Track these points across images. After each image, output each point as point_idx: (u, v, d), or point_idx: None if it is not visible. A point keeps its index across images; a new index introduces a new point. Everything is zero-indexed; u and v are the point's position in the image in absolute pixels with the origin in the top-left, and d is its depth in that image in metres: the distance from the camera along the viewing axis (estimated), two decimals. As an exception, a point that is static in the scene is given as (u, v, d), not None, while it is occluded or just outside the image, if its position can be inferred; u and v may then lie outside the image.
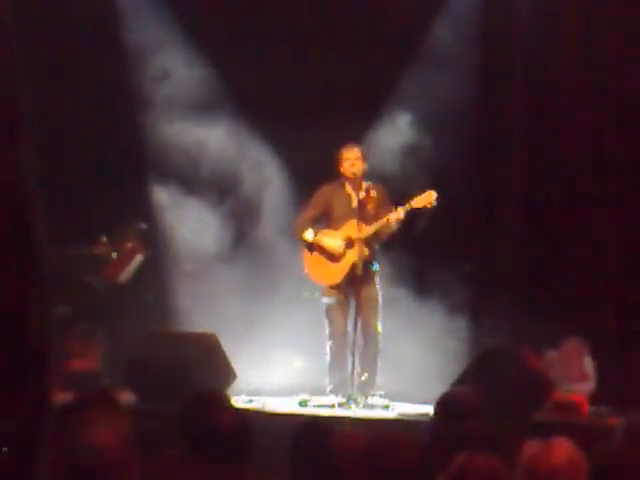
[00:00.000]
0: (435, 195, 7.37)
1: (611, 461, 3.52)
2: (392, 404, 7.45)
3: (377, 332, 7.53)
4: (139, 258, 8.83)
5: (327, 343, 7.62)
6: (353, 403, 7.24)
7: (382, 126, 8.61)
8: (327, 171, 7.69)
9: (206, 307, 8.43)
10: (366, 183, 7.59)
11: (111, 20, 9.01)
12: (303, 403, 7.49)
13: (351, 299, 7.49)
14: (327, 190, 7.69)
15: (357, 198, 7.50)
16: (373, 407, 7.35)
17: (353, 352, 7.32)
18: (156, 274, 8.99)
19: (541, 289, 8.37)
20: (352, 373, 7.33)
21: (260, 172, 8.90)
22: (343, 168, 7.60)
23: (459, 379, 6.61)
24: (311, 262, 7.66)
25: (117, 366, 7.42)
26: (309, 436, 3.97)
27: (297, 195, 8.48)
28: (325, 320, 7.63)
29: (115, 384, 6.92)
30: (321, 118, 8.33)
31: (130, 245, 8.82)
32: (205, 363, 7.06)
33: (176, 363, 6.95)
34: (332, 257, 7.57)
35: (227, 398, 3.64)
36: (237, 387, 7.29)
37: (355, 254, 7.42)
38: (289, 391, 7.92)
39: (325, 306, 7.63)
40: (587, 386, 7.61)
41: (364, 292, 7.44)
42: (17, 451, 1.47)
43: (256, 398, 7.64)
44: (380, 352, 7.56)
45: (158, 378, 6.82)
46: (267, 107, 8.68)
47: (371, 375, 7.50)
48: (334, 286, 7.57)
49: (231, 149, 8.81)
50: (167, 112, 8.88)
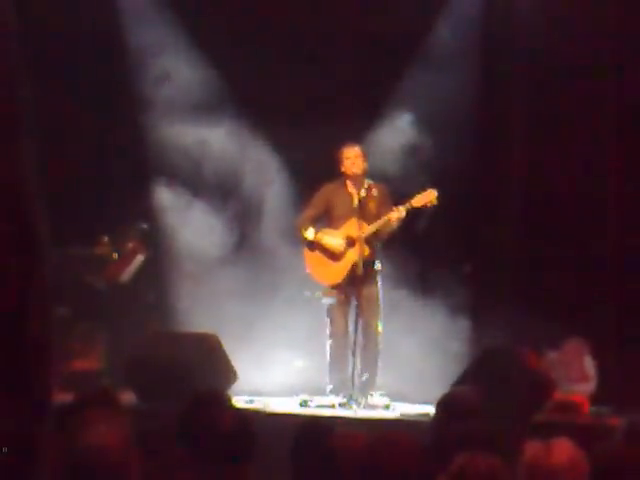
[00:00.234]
0: (436, 194, 7.37)
1: (612, 461, 3.52)
2: (393, 404, 7.45)
3: (378, 332, 7.52)
4: (140, 258, 8.84)
5: (327, 343, 7.62)
6: (354, 403, 7.24)
7: (383, 126, 8.61)
8: (328, 171, 7.69)
9: (207, 307, 8.43)
10: (367, 182, 7.59)
11: (113, 21, 9.01)
12: (304, 403, 7.49)
13: (352, 299, 7.49)
14: (328, 189, 7.69)
15: (358, 197, 7.50)
16: (374, 407, 7.35)
17: (354, 352, 7.32)
18: (157, 274, 8.98)
19: (541, 289, 8.36)
20: (353, 373, 7.33)
21: (261, 172, 8.89)
22: (344, 167, 7.60)
23: (460, 379, 6.61)
24: (312, 261, 7.65)
25: (118, 366, 7.43)
26: (310, 436, 3.97)
27: (298, 195, 8.47)
28: (326, 320, 7.64)
29: (116, 384, 6.92)
30: (322, 118, 8.33)
31: (131, 245, 8.83)
32: (206, 363, 7.06)
33: (177, 363, 6.95)
34: (333, 256, 7.56)
35: (228, 398, 3.64)
36: (238, 387, 7.30)
37: (356, 253, 7.42)
38: (290, 391, 7.92)
39: (326, 306, 7.63)
40: (588, 386, 7.60)
41: (365, 292, 7.43)
42: (17, 451, 1.47)
43: (257, 398, 7.65)
44: (381, 352, 7.56)
45: (159, 378, 6.83)
46: (268, 107, 8.68)
47: (372, 375, 7.50)
48: (335, 286, 7.56)
49: (232, 149, 8.80)
50: (168, 113, 8.88)
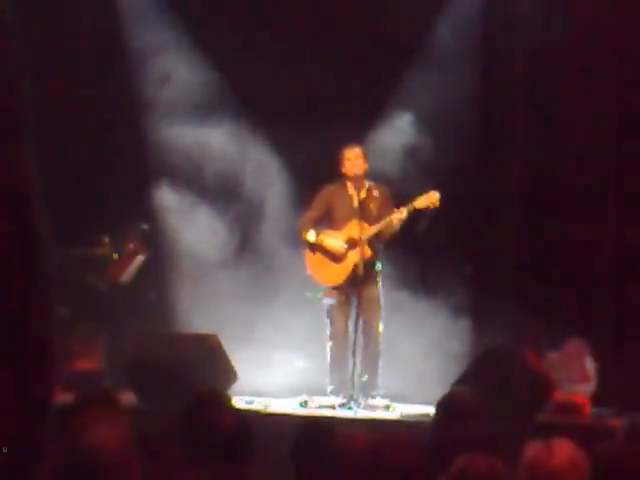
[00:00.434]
0: (438, 196, 7.36)
1: (612, 462, 3.52)
2: (393, 405, 7.44)
3: (378, 332, 7.52)
4: (141, 259, 8.83)
5: (328, 344, 7.61)
6: (354, 404, 7.23)
7: (383, 126, 8.60)
8: (329, 172, 7.69)
9: (207, 308, 8.42)
10: (368, 183, 7.59)
11: (113, 22, 9.02)
12: (304, 404, 7.49)
13: (353, 299, 7.48)
14: (329, 190, 7.68)
15: (358, 198, 7.50)
16: (374, 408, 7.34)
17: (354, 353, 7.32)
18: (158, 275, 8.98)
19: (541, 289, 8.35)
20: (353, 374, 7.33)
21: (262, 173, 8.89)
22: (345, 168, 7.59)
23: (460, 380, 6.60)
24: (313, 263, 7.65)
25: (118, 367, 7.42)
26: (310, 437, 3.97)
27: (299, 196, 8.47)
28: (326, 321, 7.63)
29: (116, 385, 6.92)
30: (322, 119, 8.33)
31: (132, 246, 8.83)
32: (206, 364, 7.06)
33: (177, 364, 6.95)
34: (334, 258, 7.56)
35: (228, 399, 3.64)
36: (238, 388, 7.29)
37: (357, 255, 7.42)
38: (290, 392, 7.91)
39: (327, 306, 7.63)
40: (588, 387, 7.59)
41: (366, 292, 7.43)
42: (17, 451, 1.47)
43: (257, 399, 7.64)
44: (381, 353, 7.55)
45: (159, 379, 6.82)
46: (268, 108, 8.68)
47: (372, 376, 7.49)
48: (336, 287, 7.56)
49: (233, 150, 8.80)
50: (169, 113, 8.89)
